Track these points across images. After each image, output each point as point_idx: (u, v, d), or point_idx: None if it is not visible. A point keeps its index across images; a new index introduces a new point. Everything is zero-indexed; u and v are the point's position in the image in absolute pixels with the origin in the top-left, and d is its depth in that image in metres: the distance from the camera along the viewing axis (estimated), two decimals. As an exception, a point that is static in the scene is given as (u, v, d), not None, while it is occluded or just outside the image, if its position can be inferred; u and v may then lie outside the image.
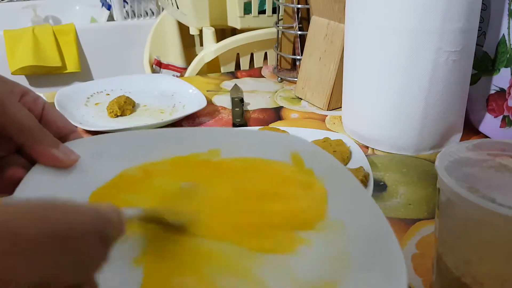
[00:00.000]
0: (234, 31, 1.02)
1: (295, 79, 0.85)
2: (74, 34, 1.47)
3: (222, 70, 1.00)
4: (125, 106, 0.72)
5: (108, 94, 0.78)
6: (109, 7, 1.65)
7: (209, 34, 0.99)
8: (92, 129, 0.64)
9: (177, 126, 0.69)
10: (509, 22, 0.58)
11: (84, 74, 1.52)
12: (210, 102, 0.78)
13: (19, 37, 1.41)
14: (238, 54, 1.00)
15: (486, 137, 0.64)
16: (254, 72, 0.94)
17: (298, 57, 0.85)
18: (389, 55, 0.56)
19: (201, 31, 1.01)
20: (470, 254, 0.32)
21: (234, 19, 0.99)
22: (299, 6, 0.82)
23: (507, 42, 0.59)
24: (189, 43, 1.29)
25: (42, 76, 1.48)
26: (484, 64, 0.63)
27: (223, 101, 0.79)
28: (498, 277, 0.31)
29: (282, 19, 0.89)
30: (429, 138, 0.60)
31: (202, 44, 1.06)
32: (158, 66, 1.29)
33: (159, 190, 0.33)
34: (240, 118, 0.70)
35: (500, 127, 0.62)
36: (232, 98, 0.75)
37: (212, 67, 1.01)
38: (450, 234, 0.33)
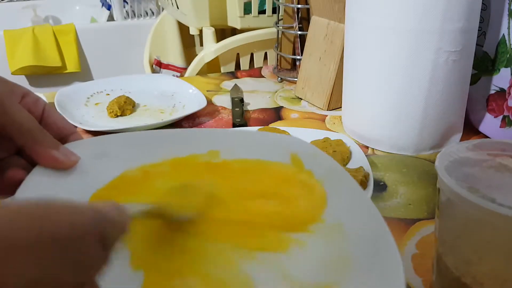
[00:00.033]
0: (234, 31, 1.02)
1: (295, 79, 0.85)
2: (74, 34, 1.47)
3: (222, 70, 1.00)
4: (125, 106, 0.72)
5: (108, 94, 0.78)
6: (109, 7, 1.65)
7: (209, 34, 0.99)
8: (92, 129, 0.65)
9: (177, 126, 0.69)
10: (509, 22, 0.58)
11: (84, 74, 1.52)
12: (210, 102, 0.78)
13: (19, 37, 1.41)
14: (238, 54, 1.00)
15: (486, 137, 0.64)
16: (254, 72, 0.94)
17: (298, 57, 0.85)
18: (389, 55, 0.57)
19: (201, 31, 1.01)
20: (470, 254, 0.32)
21: (234, 19, 0.99)
22: (299, 6, 0.82)
23: (507, 42, 0.59)
24: (189, 43, 1.29)
25: (42, 76, 1.48)
26: (484, 64, 0.63)
27: (223, 101, 0.79)
28: (498, 277, 0.31)
29: (282, 19, 0.89)
30: (429, 138, 0.60)
31: (202, 44, 1.06)
32: (158, 66, 1.29)
33: (159, 191, 0.33)
34: (240, 118, 0.70)
35: (500, 127, 0.62)
36: (232, 98, 0.75)
37: (212, 67, 1.01)
38: (450, 234, 0.33)
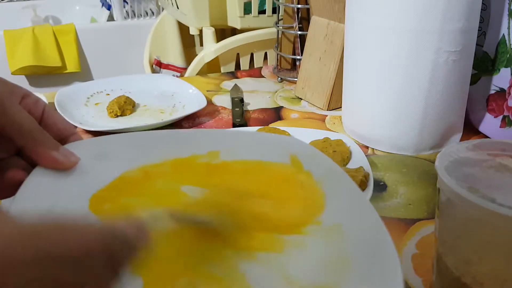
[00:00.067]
0: (234, 31, 1.02)
1: (295, 79, 0.85)
2: (74, 34, 1.47)
3: (222, 70, 1.00)
4: (125, 106, 0.72)
5: (108, 94, 0.78)
6: (109, 7, 1.65)
7: (209, 34, 0.98)
8: (92, 129, 0.65)
9: (177, 126, 0.69)
10: (509, 22, 0.58)
11: (84, 74, 1.52)
12: (210, 102, 0.78)
13: (19, 37, 1.41)
14: (238, 54, 1.00)
15: (486, 137, 0.64)
16: (254, 72, 0.94)
17: (298, 57, 0.85)
18: (389, 55, 0.57)
19: (201, 31, 1.01)
20: (470, 254, 0.32)
21: (234, 19, 0.99)
22: (299, 6, 0.82)
23: (507, 42, 0.59)
24: (189, 43, 1.29)
25: (42, 76, 1.48)
26: (484, 64, 0.63)
27: (223, 101, 0.79)
28: (498, 277, 0.31)
29: (282, 19, 0.89)
30: (429, 138, 0.60)
31: (202, 44, 1.06)
32: (158, 66, 1.29)
33: (160, 192, 0.33)
34: (240, 118, 0.70)
35: (500, 127, 0.62)
36: (232, 98, 0.75)
37: (212, 67, 1.01)
38: (450, 234, 0.33)
